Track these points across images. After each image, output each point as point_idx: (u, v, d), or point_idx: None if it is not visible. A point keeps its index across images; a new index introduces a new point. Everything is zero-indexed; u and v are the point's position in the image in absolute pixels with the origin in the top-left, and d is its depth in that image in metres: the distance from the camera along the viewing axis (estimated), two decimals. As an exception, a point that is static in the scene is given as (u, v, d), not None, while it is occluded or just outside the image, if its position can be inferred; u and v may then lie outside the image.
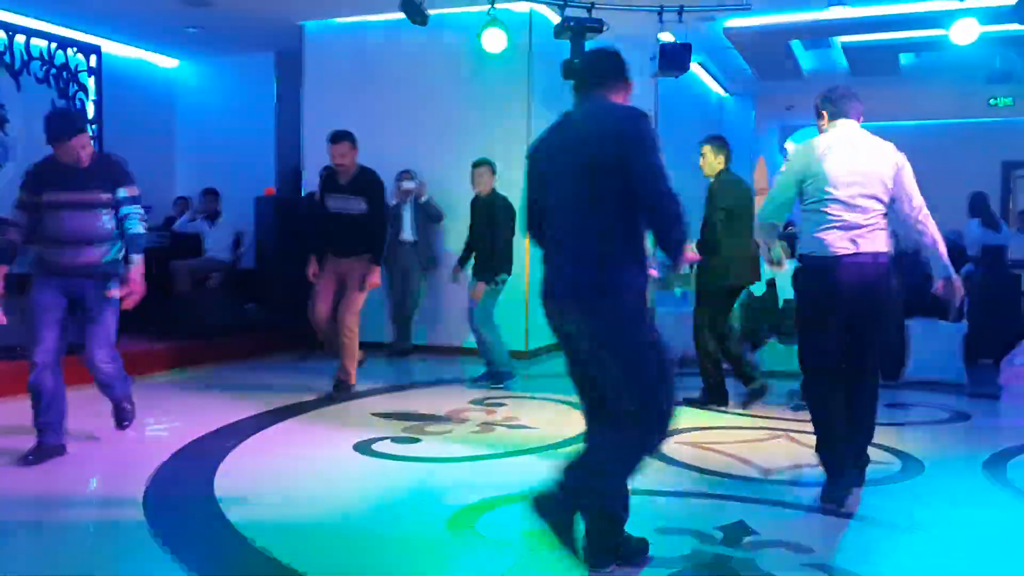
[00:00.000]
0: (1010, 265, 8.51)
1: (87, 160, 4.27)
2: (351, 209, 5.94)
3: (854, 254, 3.58)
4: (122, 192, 4.36)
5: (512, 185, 7.90)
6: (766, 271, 7.60)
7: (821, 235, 3.64)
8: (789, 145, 15.82)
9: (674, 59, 7.53)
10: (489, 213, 6.50)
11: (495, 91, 8.03)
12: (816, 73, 10.80)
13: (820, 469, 3.86)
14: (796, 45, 9.66)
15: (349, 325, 5.98)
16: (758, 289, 7.54)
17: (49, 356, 4.18)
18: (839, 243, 3.60)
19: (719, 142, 5.91)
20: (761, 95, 12.44)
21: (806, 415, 5.29)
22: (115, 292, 4.31)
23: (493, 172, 6.61)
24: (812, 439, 4.91)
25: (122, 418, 4.75)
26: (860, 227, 3.60)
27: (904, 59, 10.18)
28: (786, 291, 7.34)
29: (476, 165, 6.62)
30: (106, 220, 4.31)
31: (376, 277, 5.94)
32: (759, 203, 4.12)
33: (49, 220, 4.22)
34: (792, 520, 3.62)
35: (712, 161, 5.86)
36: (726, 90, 12.23)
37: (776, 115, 14.23)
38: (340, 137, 5.98)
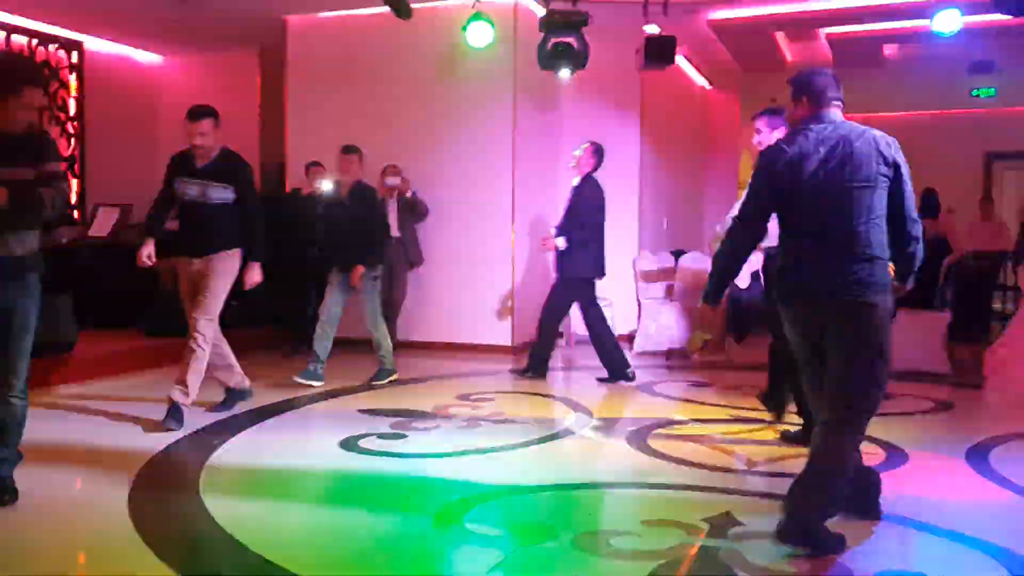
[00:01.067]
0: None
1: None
2: (212, 198, 4.98)
3: None
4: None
5: (497, 176, 7.94)
6: (750, 263, 7.65)
7: None
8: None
9: (659, 52, 7.53)
10: (365, 201, 6.37)
11: (481, 85, 8.01)
12: (800, 65, 10.82)
13: (800, 460, 3.88)
14: (780, 37, 9.69)
15: (200, 330, 4.92)
16: (742, 281, 7.58)
17: None
18: None
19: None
20: (745, 87, 12.46)
21: (789, 407, 5.31)
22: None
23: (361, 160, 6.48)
24: (795, 430, 4.95)
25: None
26: None
27: (887, 50, 10.23)
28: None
29: (349, 151, 6.41)
30: None
31: (257, 275, 5.12)
32: (739, 197, 4.14)
33: None
34: (777, 512, 3.63)
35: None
36: (710, 83, 12.24)
37: (761, 108, 14.25)
38: (200, 114, 4.92)
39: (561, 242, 6.42)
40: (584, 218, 6.41)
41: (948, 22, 7.02)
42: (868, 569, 2.98)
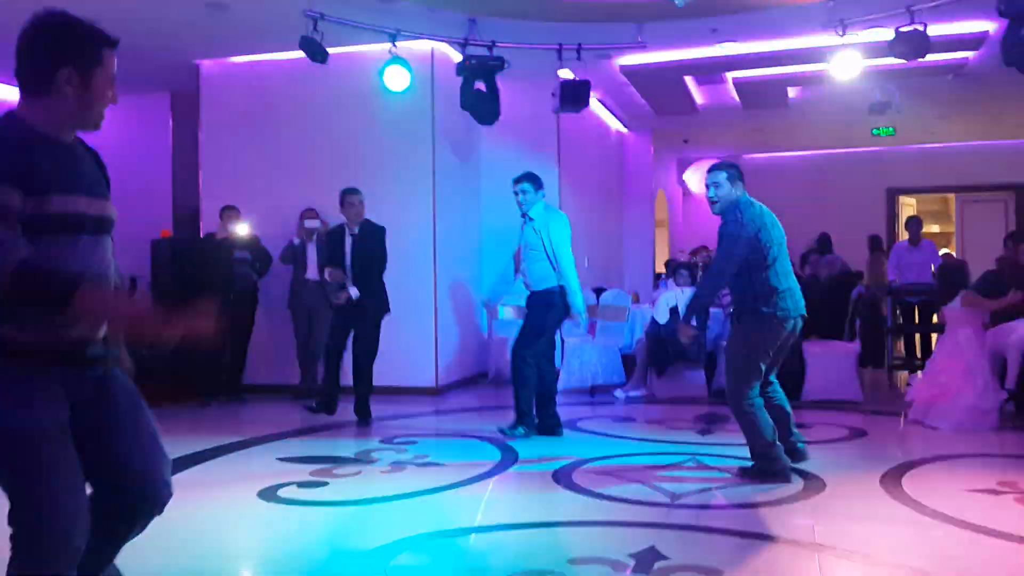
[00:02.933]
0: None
1: None
2: None
3: None
4: None
5: (419, 219, 7.92)
6: (667, 298, 7.81)
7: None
8: (688, 176, 16.32)
9: (574, 96, 7.71)
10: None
11: (399, 128, 8.01)
12: (710, 107, 11.20)
13: (727, 490, 3.92)
14: (690, 81, 10.01)
15: None
16: (661, 316, 7.74)
17: None
18: None
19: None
20: (658, 129, 12.81)
21: (711, 439, 5.41)
22: None
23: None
24: (719, 461, 5.02)
25: None
26: None
27: (792, 92, 10.66)
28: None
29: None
30: None
31: None
32: (659, 235, 4.25)
33: None
34: (701, 543, 3.68)
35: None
36: (625, 125, 12.54)
37: (673, 148, 14.67)
38: None
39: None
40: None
41: (848, 65, 7.36)
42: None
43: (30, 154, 2.08)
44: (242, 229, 7.84)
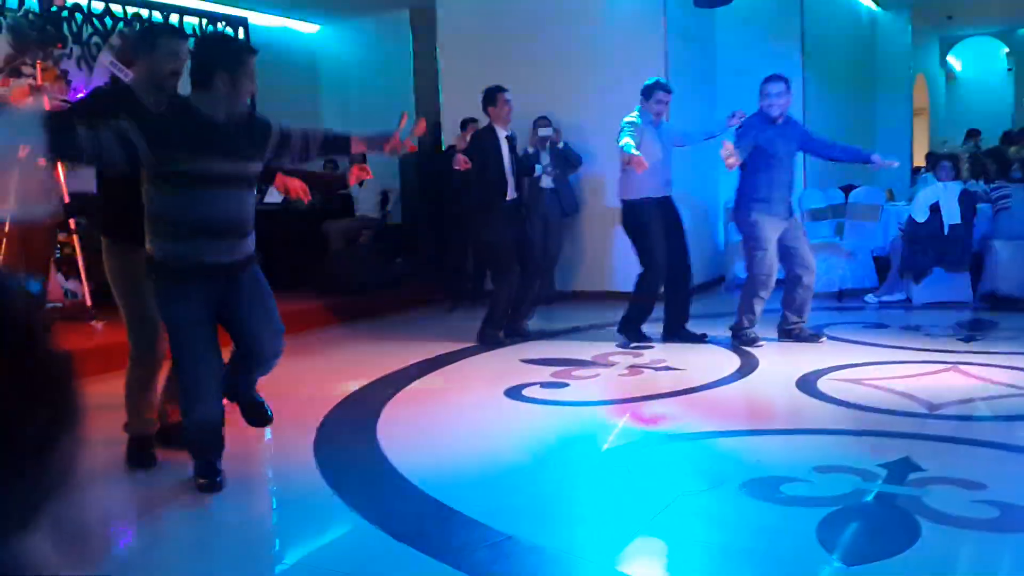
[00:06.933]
0: None
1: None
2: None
3: None
4: None
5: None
6: (927, 195, 7.13)
7: None
8: (952, 57, 14.69)
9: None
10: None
11: (628, 30, 7.82)
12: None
13: (992, 401, 3.63)
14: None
15: None
16: (920, 214, 7.09)
17: None
18: None
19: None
20: (917, 6, 11.54)
21: (977, 346, 5.01)
22: None
23: None
24: (982, 371, 4.64)
25: None
26: None
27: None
28: (952, 216, 6.89)
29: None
30: None
31: None
32: (918, 124, 3.87)
33: None
34: (962, 455, 3.44)
35: None
36: (878, 4, 11.42)
37: (935, 26, 13.19)
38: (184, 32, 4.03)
39: None
40: None
41: None
42: None
43: (183, 127, 3.07)
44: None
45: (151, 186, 3.11)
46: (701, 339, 5.91)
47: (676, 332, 5.97)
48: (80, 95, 7.53)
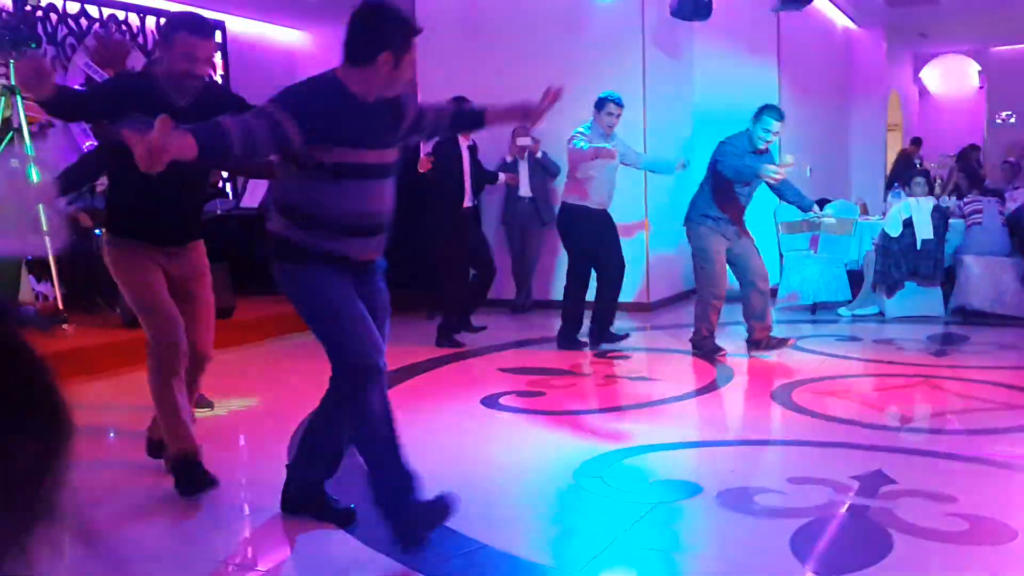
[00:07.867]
0: None
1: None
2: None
3: None
4: None
5: (628, 130, 7.78)
6: (900, 210, 7.22)
7: None
8: (926, 73, 14.90)
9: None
10: None
11: (606, 40, 7.86)
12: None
13: (964, 415, 3.67)
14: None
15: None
16: (894, 229, 7.18)
17: None
18: None
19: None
20: (892, 23, 11.71)
21: (948, 360, 5.06)
22: None
23: None
24: (954, 384, 4.69)
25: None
26: None
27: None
28: (925, 231, 6.97)
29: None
30: None
31: None
32: (891, 140, 3.92)
33: None
34: (934, 469, 3.47)
35: None
36: (854, 21, 11.57)
37: (909, 43, 13.38)
38: (208, 28, 3.36)
39: None
40: None
41: None
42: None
43: (334, 111, 2.68)
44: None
45: (296, 173, 2.77)
46: (624, 338, 6.15)
47: (601, 335, 6.15)
48: (100, 79, 7.46)
